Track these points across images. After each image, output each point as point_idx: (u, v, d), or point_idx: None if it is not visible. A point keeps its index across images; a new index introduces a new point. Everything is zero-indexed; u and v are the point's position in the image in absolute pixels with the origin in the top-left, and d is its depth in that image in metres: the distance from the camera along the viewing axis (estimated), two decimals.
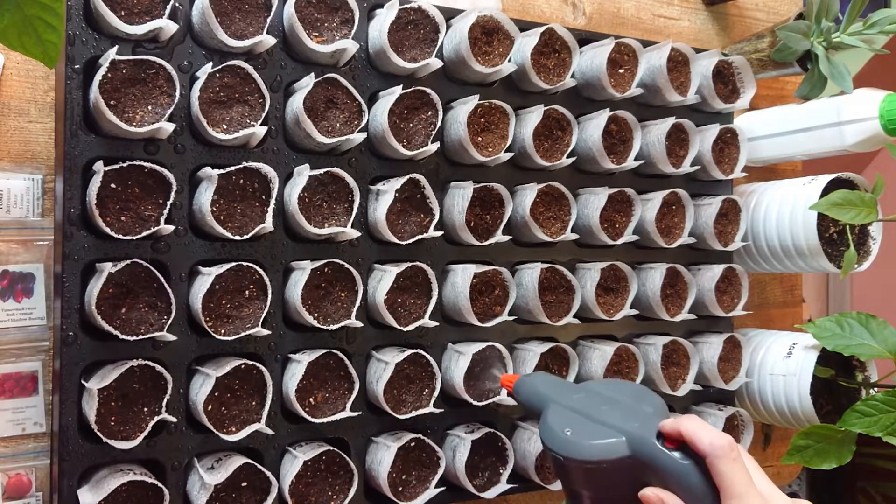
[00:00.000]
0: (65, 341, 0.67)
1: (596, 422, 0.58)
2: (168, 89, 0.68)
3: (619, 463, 0.55)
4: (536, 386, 0.68)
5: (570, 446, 0.57)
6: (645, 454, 0.54)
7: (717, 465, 0.51)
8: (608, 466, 0.55)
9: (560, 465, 0.58)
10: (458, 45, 0.79)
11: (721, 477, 0.51)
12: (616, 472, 0.55)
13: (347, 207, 0.76)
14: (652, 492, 0.54)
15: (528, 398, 0.68)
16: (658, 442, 0.54)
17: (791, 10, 1.23)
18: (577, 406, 0.61)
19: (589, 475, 0.57)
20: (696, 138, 0.94)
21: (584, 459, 0.56)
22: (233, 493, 0.70)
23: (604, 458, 0.55)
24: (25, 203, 0.73)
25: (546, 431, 0.60)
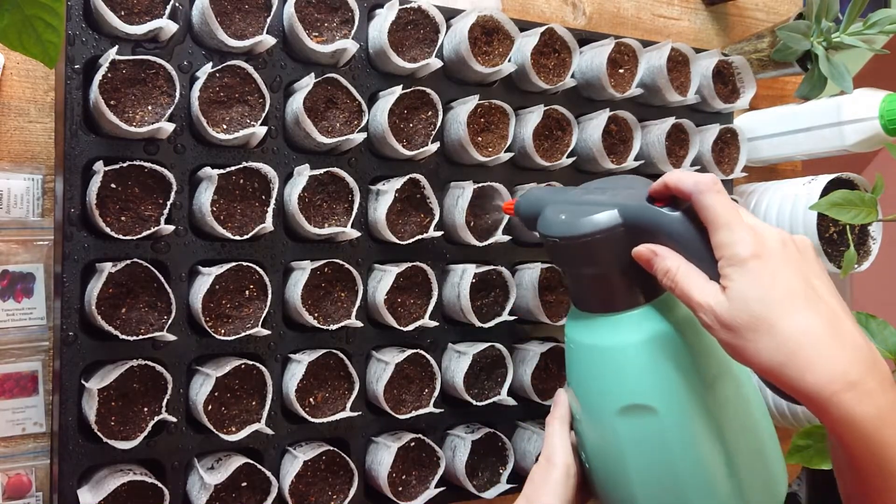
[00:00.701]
0: (65, 341, 0.67)
1: (589, 204, 0.58)
2: (168, 89, 0.68)
3: (612, 233, 0.56)
4: (534, 194, 0.67)
5: (565, 226, 0.58)
6: (635, 217, 0.55)
7: (703, 200, 0.51)
8: (602, 238, 0.56)
9: (558, 250, 0.59)
10: (458, 45, 0.79)
11: (707, 210, 0.51)
12: (610, 244, 0.56)
13: (347, 207, 0.76)
14: (644, 246, 0.55)
15: (527, 209, 0.66)
16: (648, 204, 0.55)
17: (791, 10, 1.23)
18: (571, 198, 0.61)
19: (585, 251, 0.57)
20: (696, 138, 0.94)
21: (579, 234, 0.57)
22: (233, 493, 0.70)
23: (597, 230, 0.56)
24: (25, 203, 0.73)
25: (543, 224, 0.60)
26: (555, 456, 0.63)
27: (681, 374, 0.56)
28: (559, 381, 0.85)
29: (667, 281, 0.53)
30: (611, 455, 0.60)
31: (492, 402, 0.81)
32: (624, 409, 0.57)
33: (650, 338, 0.57)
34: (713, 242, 0.51)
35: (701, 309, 0.51)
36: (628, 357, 0.57)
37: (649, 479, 0.59)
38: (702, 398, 0.56)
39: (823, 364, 0.47)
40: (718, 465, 0.57)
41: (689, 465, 0.57)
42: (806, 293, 0.49)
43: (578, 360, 0.61)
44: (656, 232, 0.54)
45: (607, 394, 0.59)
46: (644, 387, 0.57)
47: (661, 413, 0.56)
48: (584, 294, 0.60)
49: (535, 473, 0.63)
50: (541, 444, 0.81)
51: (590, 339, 0.60)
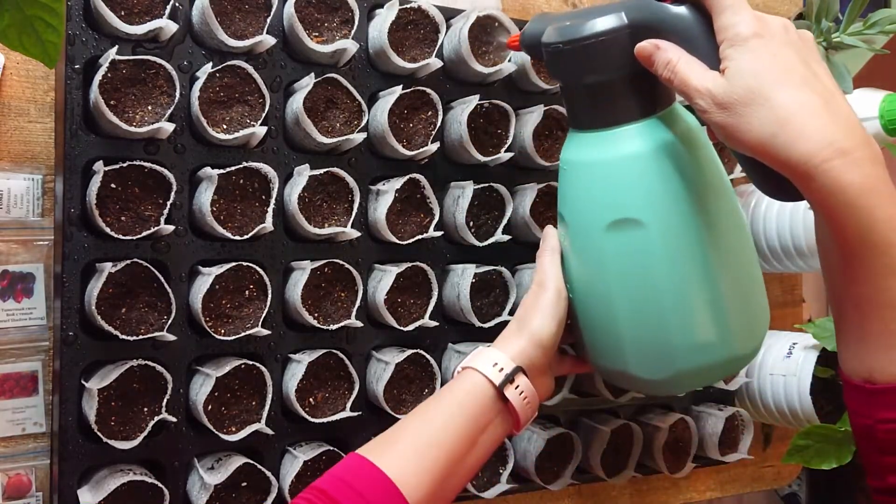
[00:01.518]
0: (65, 341, 0.67)
1: (594, 13, 0.58)
2: (168, 89, 0.68)
3: (617, 34, 0.56)
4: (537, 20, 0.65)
5: (570, 30, 0.57)
6: (640, 15, 0.55)
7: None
8: (607, 39, 0.56)
9: (560, 59, 0.58)
10: (458, 45, 0.79)
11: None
12: (615, 47, 0.56)
13: (347, 207, 0.76)
14: (646, 42, 0.55)
15: (531, 36, 0.64)
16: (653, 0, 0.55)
17: (791, 10, 1.23)
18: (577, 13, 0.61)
19: (589, 56, 0.57)
20: None
21: (584, 36, 0.56)
22: (233, 493, 0.70)
23: (602, 30, 0.56)
24: (25, 203, 0.73)
25: (547, 35, 0.59)
26: (546, 280, 0.64)
27: (672, 191, 0.56)
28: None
29: (667, 73, 0.53)
30: (596, 275, 0.60)
31: None
32: (613, 223, 0.58)
33: (645, 152, 0.57)
34: (716, 26, 0.51)
35: (698, 94, 0.51)
36: (622, 170, 0.57)
37: (631, 297, 0.59)
38: (691, 217, 0.56)
39: (815, 131, 0.47)
40: (701, 287, 0.57)
41: (671, 283, 0.57)
42: (804, 73, 0.50)
43: (572, 180, 0.61)
44: (661, 28, 0.54)
45: (597, 210, 0.59)
46: (633, 201, 0.57)
47: (649, 227, 0.56)
48: (583, 109, 0.60)
49: (527, 298, 0.65)
50: (541, 443, 0.81)
51: (585, 155, 0.60)
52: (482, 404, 0.60)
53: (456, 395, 0.61)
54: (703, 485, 1.08)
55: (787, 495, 1.81)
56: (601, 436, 0.86)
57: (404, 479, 0.55)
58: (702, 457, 0.96)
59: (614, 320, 0.61)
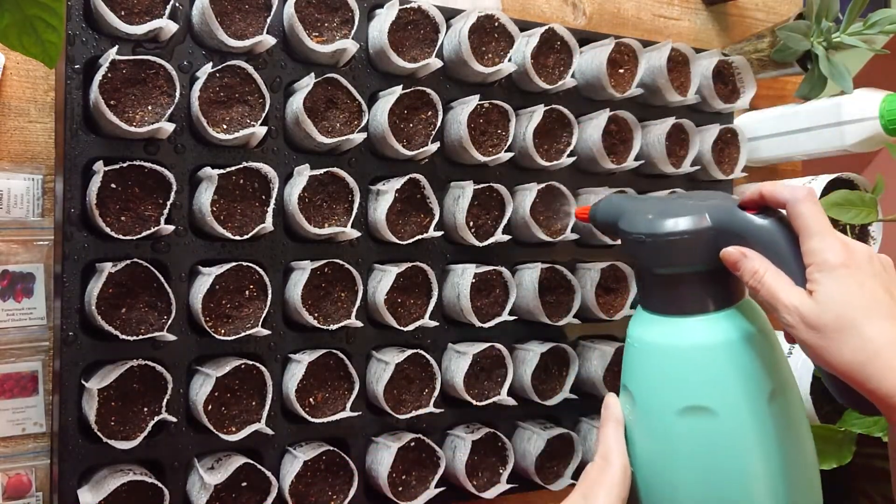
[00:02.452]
0: (65, 341, 0.67)
1: (675, 207, 0.60)
2: (168, 89, 0.68)
3: (700, 235, 0.58)
4: (611, 201, 0.68)
5: (653, 224, 0.59)
6: (728, 222, 0.57)
7: (798, 208, 0.54)
8: (690, 238, 0.58)
9: (641, 248, 0.60)
10: (458, 45, 0.79)
11: (801, 218, 0.54)
12: (696, 245, 0.58)
13: (347, 207, 0.76)
14: (734, 248, 0.57)
15: (605, 214, 0.68)
16: (739, 209, 0.57)
17: (791, 10, 1.23)
18: (654, 203, 0.64)
19: (669, 252, 0.59)
20: (696, 138, 0.94)
21: (667, 232, 0.58)
22: (233, 493, 0.70)
23: (687, 230, 0.58)
24: (25, 203, 0.73)
25: (627, 222, 0.62)
26: (611, 455, 0.64)
27: (744, 383, 0.58)
28: (559, 381, 0.85)
29: (753, 282, 0.55)
30: (662, 455, 0.62)
31: (492, 402, 0.81)
32: (685, 409, 0.59)
33: (719, 343, 0.59)
34: (804, 249, 0.54)
35: (786, 310, 0.53)
36: (697, 359, 0.59)
37: (697, 481, 0.60)
38: (760, 409, 0.58)
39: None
40: (766, 477, 0.59)
41: (738, 472, 0.59)
42: (889, 304, 0.52)
43: (643, 359, 0.63)
44: (745, 237, 0.56)
45: (669, 393, 0.60)
46: (708, 389, 0.59)
47: (720, 417, 0.58)
48: (659, 295, 0.62)
49: (591, 471, 0.65)
50: (541, 443, 0.81)
51: (658, 338, 0.61)
52: None
53: None
54: None
55: None
56: None
57: None
58: None
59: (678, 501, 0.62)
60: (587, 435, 0.88)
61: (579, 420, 0.90)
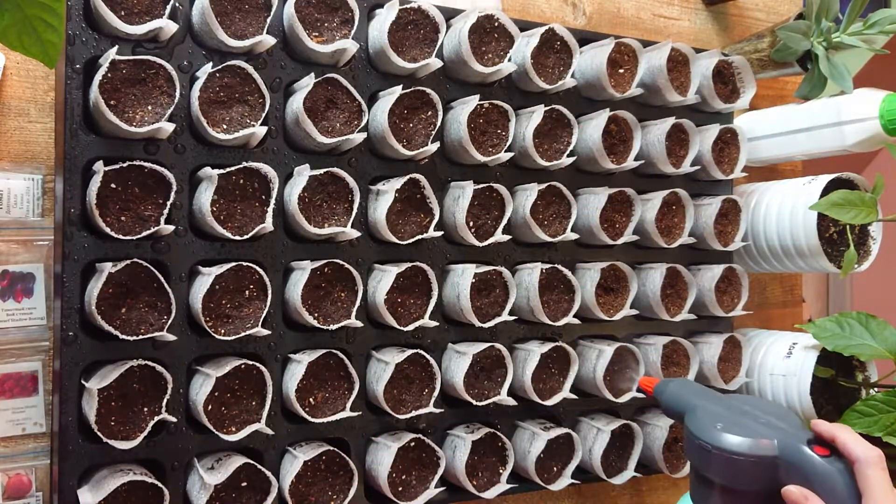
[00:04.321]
0: (65, 341, 0.67)
1: (745, 422, 0.62)
2: (168, 89, 0.68)
3: (765, 460, 0.59)
4: (681, 389, 0.71)
5: (722, 438, 0.61)
6: (794, 456, 0.58)
7: (866, 471, 0.55)
8: (755, 462, 0.60)
9: (705, 457, 0.62)
10: (458, 45, 0.79)
11: (868, 481, 0.55)
12: (759, 468, 0.60)
13: (347, 207, 0.76)
14: (797, 489, 0.58)
15: (670, 399, 0.71)
16: (808, 447, 0.58)
17: (791, 10, 1.23)
18: (724, 408, 0.65)
19: (731, 468, 0.61)
20: (696, 138, 0.94)
21: (734, 452, 0.60)
22: (233, 493, 0.70)
23: (753, 454, 0.60)
24: (25, 203, 0.73)
25: (696, 423, 0.64)
26: None
27: None
28: (559, 382, 0.85)
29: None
30: None
31: (492, 402, 0.81)
32: None
33: None
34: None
35: None
36: None
37: None
38: None
39: None
40: None
41: None
42: None
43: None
44: (809, 476, 0.57)
45: None
46: None
47: None
48: (710, 498, 0.64)
49: None
50: (541, 444, 0.81)
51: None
52: None
53: None
54: None
55: None
56: (601, 436, 0.86)
57: None
58: None
59: None
60: (587, 435, 0.88)
61: (579, 420, 0.90)
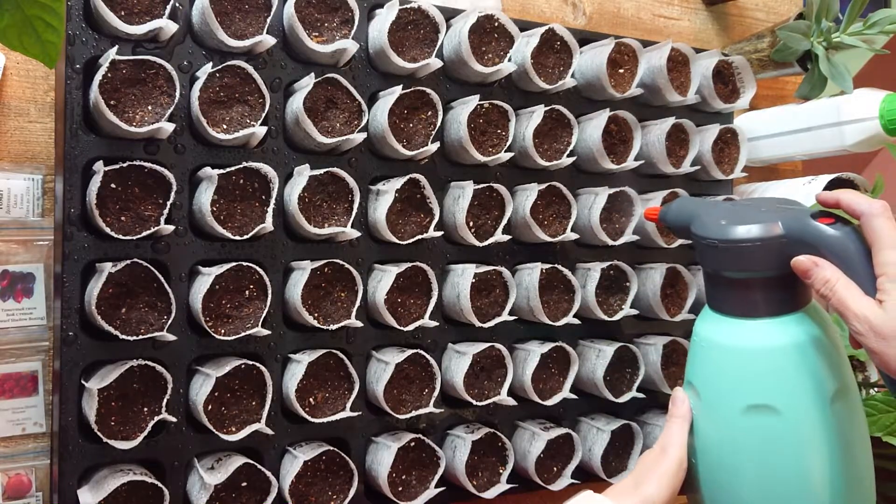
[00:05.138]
0: (65, 341, 0.67)
1: (748, 213, 0.62)
2: (168, 89, 0.68)
3: (772, 243, 0.60)
4: (683, 204, 0.70)
5: (727, 230, 0.61)
6: (800, 231, 0.59)
7: (873, 222, 0.56)
8: (762, 246, 0.60)
9: (714, 254, 0.63)
10: (458, 45, 0.79)
11: (876, 231, 0.55)
12: (767, 252, 0.60)
13: (347, 207, 0.76)
14: (805, 257, 0.58)
15: (676, 216, 0.70)
16: (812, 220, 0.58)
17: (791, 10, 1.23)
18: (726, 208, 0.65)
19: (741, 258, 0.61)
20: (696, 138, 0.94)
21: (741, 240, 0.60)
22: (233, 493, 0.70)
23: (759, 238, 0.60)
24: (25, 203, 0.73)
25: (700, 226, 0.64)
26: (671, 448, 0.66)
27: (808, 384, 0.61)
28: (559, 382, 0.85)
29: (825, 290, 0.57)
30: (725, 449, 0.64)
31: (492, 402, 0.81)
32: (749, 407, 0.61)
33: (786, 345, 0.61)
34: (876, 260, 0.55)
35: (856, 318, 0.55)
36: (763, 360, 0.61)
37: (758, 476, 0.62)
38: (823, 410, 0.60)
39: None
40: (825, 475, 0.61)
41: (798, 469, 0.61)
42: None
43: (709, 358, 0.65)
44: (817, 246, 0.58)
45: (735, 391, 0.63)
46: (773, 389, 0.61)
47: (784, 416, 0.60)
48: (727, 297, 0.64)
49: (647, 458, 0.67)
50: (541, 444, 0.81)
51: (725, 339, 0.64)
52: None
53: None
54: None
55: None
56: (601, 436, 0.86)
57: None
58: None
59: (738, 496, 0.64)
60: (587, 435, 0.88)
61: (579, 420, 0.90)
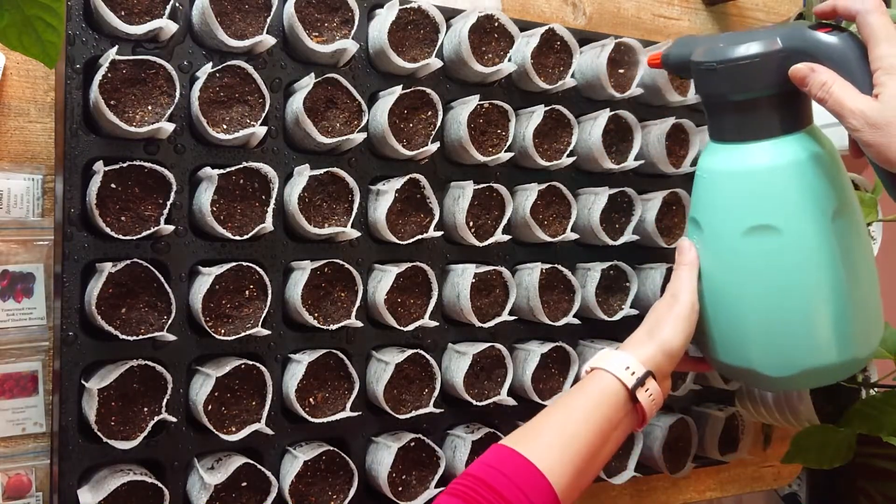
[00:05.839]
0: (65, 341, 0.67)
1: (747, 36, 0.63)
2: (168, 89, 0.68)
3: (770, 58, 0.61)
4: (684, 41, 0.71)
5: (726, 51, 0.63)
6: (798, 42, 0.60)
7: (868, 18, 0.57)
8: (760, 62, 0.61)
9: (712, 77, 0.64)
10: (458, 45, 0.79)
11: (870, 27, 0.57)
12: (767, 68, 0.62)
13: (347, 207, 0.76)
14: (802, 64, 0.60)
15: (678, 54, 0.70)
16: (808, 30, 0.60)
17: (791, 10, 1.23)
18: (727, 35, 0.67)
19: (741, 75, 0.62)
20: (696, 138, 0.94)
21: (739, 56, 0.62)
22: (233, 493, 0.70)
23: (758, 52, 0.61)
24: (25, 203, 0.73)
25: (700, 54, 0.65)
26: (681, 293, 0.67)
27: (809, 202, 0.63)
28: (559, 382, 0.85)
29: (821, 93, 0.58)
30: (729, 277, 0.66)
31: (492, 402, 0.81)
32: (751, 228, 0.64)
33: (786, 165, 0.63)
34: (872, 55, 0.57)
35: (852, 114, 0.56)
36: (763, 180, 0.64)
37: (763, 299, 0.64)
38: (824, 227, 0.62)
39: None
40: (828, 293, 0.63)
41: (801, 287, 0.63)
42: None
43: (712, 187, 0.67)
44: (815, 55, 0.60)
45: (737, 214, 0.65)
46: (774, 209, 0.63)
47: (785, 234, 0.63)
48: (728, 124, 0.66)
49: (659, 307, 0.68)
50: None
51: (727, 165, 0.66)
52: (615, 403, 0.63)
53: (591, 395, 0.64)
54: (703, 485, 1.08)
55: (787, 495, 1.81)
56: None
57: (550, 469, 0.58)
58: (702, 457, 0.96)
59: (745, 320, 0.66)
60: None
61: None
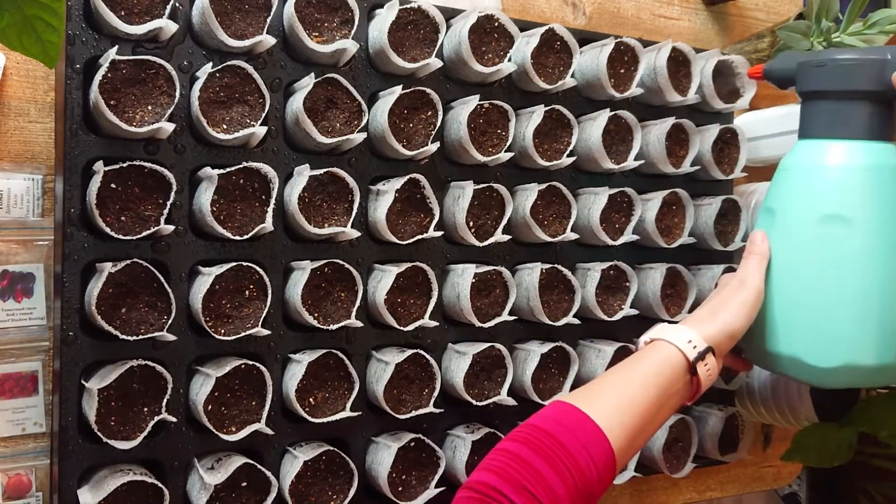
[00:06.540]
0: (65, 341, 0.67)
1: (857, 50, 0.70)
2: (168, 89, 0.68)
3: (877, 63, 0.68)
4: (789, 55, 0.78)
5: (836, 53, 0.71)
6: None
7: None
8: (866, 62, 0.69)
9: (819, 72, 0.72)
10: (458, 46, 0.79)
11: None
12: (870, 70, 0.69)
13: (347, 207, 0.76)
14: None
15: (780, 67, 0.78)
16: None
17: (791, 10, 1.23)
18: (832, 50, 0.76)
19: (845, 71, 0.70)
20: (696, 138, 0.94)
21: (849, 57, 0.70)
22: (233, 493, 0.70)
23: (866, 56, 0.69)
24: (25, 203, 0.73)
25: (811, 55, 0.73)
26: (750, 279, 0.69)
27: (884, 204, 0.69)
28: (559, 382, 0.85)
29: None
30: (792, 257, 0.71)
31: (492, 402, 0.81)
32: (825, 216, 0.69)
33: (871, 166, 0.69)
34: None
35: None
36: (846, 175, 0.70)
37: (822, 286, 0.69)
38: (892, 233, 0.68)
39: None
40: (885, 290, 0.68)
41: (861, 280, 0.68)
42: None
43: (793, 179, 0.73)
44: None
45: (813, 203, 0.71)
46: (849, 202, 0.69)
47: (855, 226, 0.68)
48: (823, 119, 0.72)
49: (723, 292, 0.70)
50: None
51: (813, 160, 0.72)
52: (674, 374, 0.65)
53: (652, 363, 0.66)
54: (703, 485, 1.08)
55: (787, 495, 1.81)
56: None
57: (610, 429, 0.60)
58: (702, 457, 0.96)
59: (798, 305, 0.70)
60: None
61: None
